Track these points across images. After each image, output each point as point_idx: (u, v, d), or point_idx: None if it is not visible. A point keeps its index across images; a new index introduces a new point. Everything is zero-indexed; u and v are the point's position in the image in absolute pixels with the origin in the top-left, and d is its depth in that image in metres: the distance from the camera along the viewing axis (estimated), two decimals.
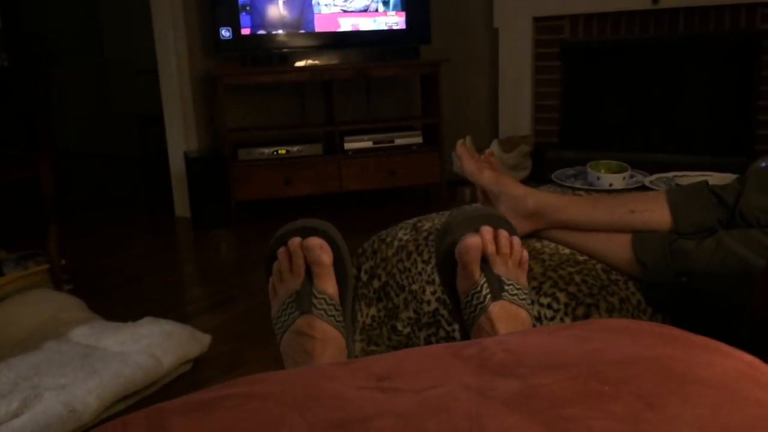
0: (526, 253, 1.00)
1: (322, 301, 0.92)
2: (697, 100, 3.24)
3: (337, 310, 0.94)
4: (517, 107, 3.54)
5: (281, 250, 0.95)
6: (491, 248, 0.95)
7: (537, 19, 3.42)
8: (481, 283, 0.93)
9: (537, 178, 3.21)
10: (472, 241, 0.94)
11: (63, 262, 2.24)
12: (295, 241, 0.94)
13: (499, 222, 1.01)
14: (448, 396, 0.44)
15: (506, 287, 0.94)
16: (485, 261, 0.95)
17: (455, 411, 0.42)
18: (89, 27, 5.27)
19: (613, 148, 3.22)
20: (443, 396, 0.44)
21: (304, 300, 0.92)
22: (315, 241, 0.92)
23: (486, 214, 1.05)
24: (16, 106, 4.91)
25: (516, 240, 0.99)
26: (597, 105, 3.47)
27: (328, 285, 0.94)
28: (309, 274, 0.94)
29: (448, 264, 1.00)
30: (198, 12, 3.30)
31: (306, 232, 0.96)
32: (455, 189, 3.41)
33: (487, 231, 0.96)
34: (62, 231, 2.26)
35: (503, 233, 0.98)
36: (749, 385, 0.45)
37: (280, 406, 0.45)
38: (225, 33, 3.19)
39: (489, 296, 0.93)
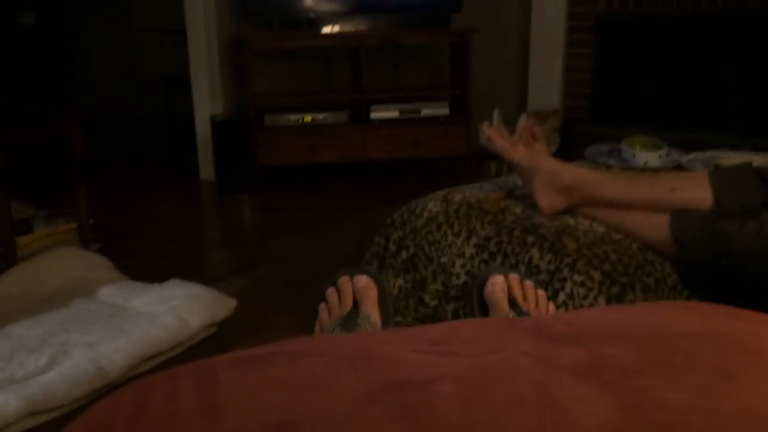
0: (552, 306, 1.05)
1: (366, 322, 0.96)
2: (732, 79, 3.16)
3: None
4: (548, 81, 3.48)
5: (330, 290, 1.03)
6: (518, 291, 1.02)
7: None
8: (510, 315, 0.98)
9: (565, 153, 3.16)
10: (497, 278, 1.04)
11: (91, 221, 2.25)
12: (344, 278, 1.04)
13: (524, 275, 1.10)
14: (509, 362, 0.42)
15: None
16: (514, 304, 1.01)
17: (519, 378, 0.40)
18: None
19: (644, 126, 3.15)
20: (504, 362, 0.42)
21: (349, 322, 0.96)
22: (363, 277, 1.03)
23: (511, 268, 1.16)
24: (42, 65, 4.92)
25: (542, 293, 1.05)
26: (629, 81, 3.40)
27: (373, 312, 0.99)
28: (356, 306, 1.00)
29: (483, 311, 1.07)
30: None
31: (354, 273, 1.05)
32: (481, 162, 3.37)
33: (513, 278, 1.04)
34: (89, 191, 2.27)
35: (529, 283, 1.05)
36: None
37: (333, 363, 0.44)
38: None
39: None
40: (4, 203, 1.97)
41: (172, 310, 1.73)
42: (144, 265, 2.28)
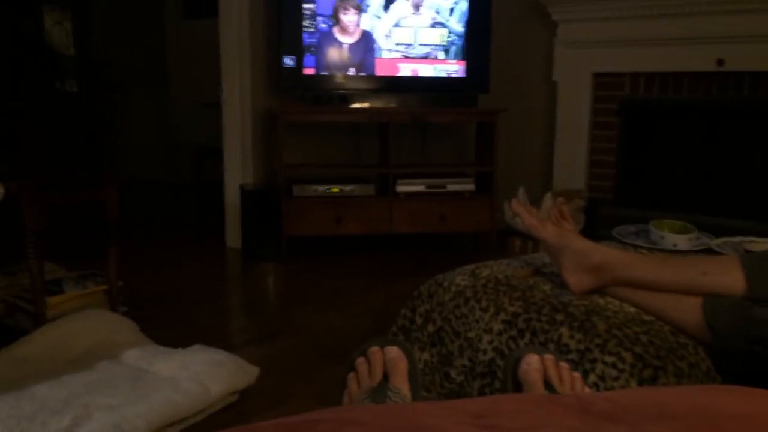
0: (588, 389, 1.05)
1: (397, 395, 0.94)
2: (757, 164, 3.17)
3: None
4: (573, 161, 3.52)
5: (360, 360, 1.03)
6: (553, 372, 1.01)
7: (597, 75, 3.42)
8: None
9: (590, 233, 3.16)
10: (532, 357, 1.02)
11: (120, 284, 2.28)
12: (374, 348, 1.03)
13: (560, 356, 1.09)
14: None
15: None
16: (549, 385, 1.00)
17: None
18: (156, 58, 5.48)
19: (669, 208, 3.16)
20: None
21: (379, 394, 0.95)
22: (393, 348, 1.02)
23: (543, 348, 1.15)
24: (83, 131, 5.11)
25: (577, 375, 1.04)
26: (654, 164, 3.43)
27: (404, 385, 0.98)
28: (385, 378, 0.99)
29: (517, 390, 1.05)
30: (264, 50, 3.40)
31: (384, 344, 1.05)
32: (505, 238, 3.39)
33: (548, 358, 1.03)
34: (119, 253, 2.31)
35: (564, 365, 1.04)
36: None
37: None
38: (289, 72, 3.28)
39: None
40: (38, 264, 2.01)
41: (194, 375, 1.73)
42: (169, 328, 2.29)
